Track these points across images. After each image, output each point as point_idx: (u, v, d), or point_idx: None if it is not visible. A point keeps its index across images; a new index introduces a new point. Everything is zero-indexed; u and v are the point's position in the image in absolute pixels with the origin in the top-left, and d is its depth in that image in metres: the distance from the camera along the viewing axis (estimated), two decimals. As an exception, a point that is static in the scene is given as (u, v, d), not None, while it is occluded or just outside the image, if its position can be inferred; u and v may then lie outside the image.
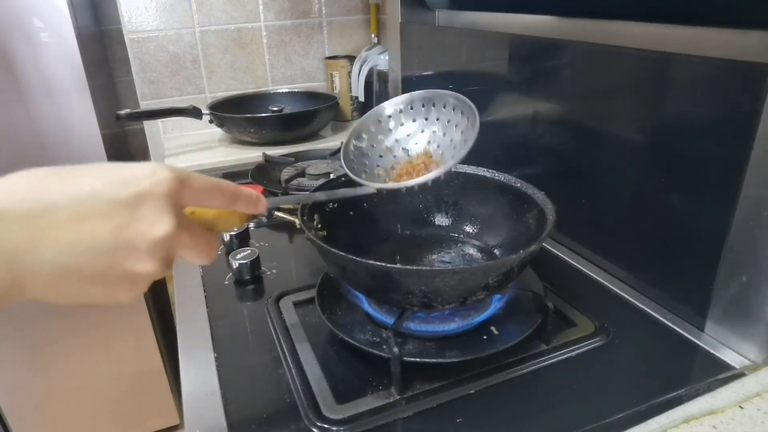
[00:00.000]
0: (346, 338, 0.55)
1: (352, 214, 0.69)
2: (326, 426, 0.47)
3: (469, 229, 0.71)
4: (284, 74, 1.49)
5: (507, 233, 0.66)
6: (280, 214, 0.67)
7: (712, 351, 0.55)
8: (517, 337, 0.54)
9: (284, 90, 1.48)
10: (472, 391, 0.51)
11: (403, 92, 1.28)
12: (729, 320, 0.55)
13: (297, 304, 0.65)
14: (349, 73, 1.43)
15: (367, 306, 0.59)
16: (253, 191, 0.40)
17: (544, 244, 0.55)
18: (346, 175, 0.70)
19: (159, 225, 0.31)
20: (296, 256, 0.80)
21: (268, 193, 0.69)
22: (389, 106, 0.63)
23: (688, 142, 0.57)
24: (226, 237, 0.79)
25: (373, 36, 1.47)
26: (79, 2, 1.28)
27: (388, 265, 0.53)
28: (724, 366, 0.53)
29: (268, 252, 0.78)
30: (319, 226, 0.63)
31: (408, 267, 0.57)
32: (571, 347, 0.56)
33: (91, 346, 1.40)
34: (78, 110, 1.21)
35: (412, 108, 0.63)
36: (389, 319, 0.57)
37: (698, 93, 0.55)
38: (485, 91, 0.92)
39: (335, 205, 0.67)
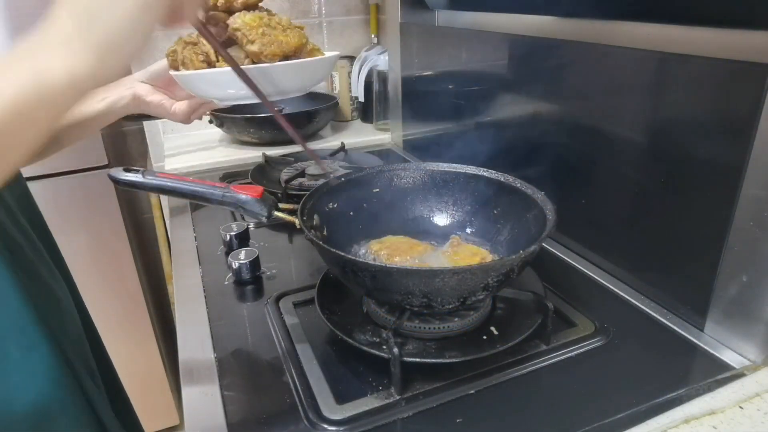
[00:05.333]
0: (346, 338, 0.55)
1: (353, 214, 0.69)
2: (326, 426, 0.47)
3: (469, 229, 0.71)
4: (284, 74, 1.49)
5: (507, 233, 0.66)
6: (279, 214, 0.67)
7: (712, 351, 0.55)
8: (517, 337, 0.54)
9: (284, 90, 1.48)
10: (472, 391, 0.51)
11: (403, 93, 1.28)
12: (729, 320, 0.55)
13: (297, 305, 0.65)
14: (349, 73, 1.43)
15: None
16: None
17: (544, 244, 0.55)
18: (346, 175, 0.71)
19: None
20: (296, 256, 0.80)
21: (268, 193, 0.69)
22: None
23: (688, 142, 0.57)
24: (227, 237, 0.79)
25: (373, 36, 1.47)
26: (79, 2, 1.27)
27: (388, 265, 0.53)
28: (724, 366, 0.53)
29: (268, 252, 0.78)
30: (320, 226, 0.63)
31: (408, 267, 0.57)
32: (571, 347, 0.56)
33: (91, 346, 1.40)
34: (78, 110, 1.21)
35: None
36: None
37: (698, 93, 0.55)
38: (485, 91, 0.92)
39: (335, 205, 0.67)
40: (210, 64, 0.64)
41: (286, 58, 0.63)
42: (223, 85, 0.63)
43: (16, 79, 0.32)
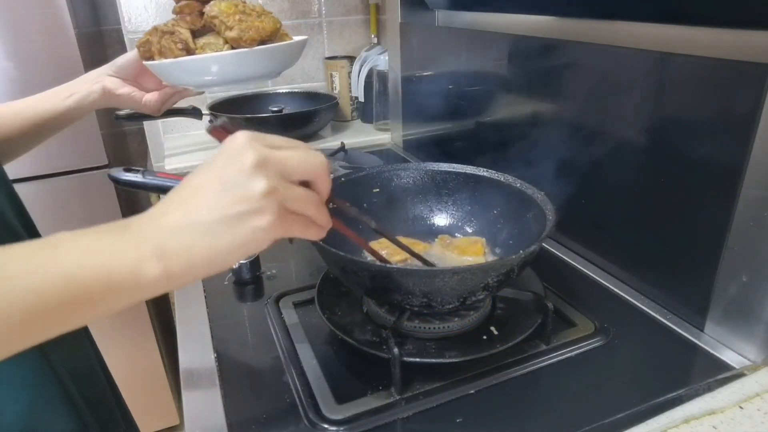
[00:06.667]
0: (346, 338, 0.55)
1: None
2: (326, 426, 0.47)
3: (469, 229, 0.71)
4: (284, 74, 1.48)
5: (507, 233, 0.66)
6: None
7: (712, 351, 0.55)
8: (517, 337, 0.54)
9: (284, 90, 1.48)
10: (472, 391, 0.51)
11: (403, 93, 1.27)
12: (729, 320, 0.55)
13: (297, 305, 0.65)
14: (349, 73, 1.43)
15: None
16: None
17: (544, 244, 0.55)
18: (346, 175, 0.71)
19: (252, 160, 0.35)
20: (296, 256, 0.80)
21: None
22: None
23: (688, 142, 0.57)
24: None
25: (373, 36, 1.47)
26: (79, 2, 1.28)
27: (388, 265, 0.53)
28: (724, 366, 0.53)
29: (268, 252, 0.78)
30: None
31: (408, 267, 0.57)
32: (571, 347, 0.56)
33: (91, 346, 1.40)
34: (78, 110, 1.21)
35: None
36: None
37: (698, 93, 0.55)
38: (485, 91, 0.92)
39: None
40: (189, 52, 0.65)
41: (262, 42, 0.65)
42: (202, 72, 0.65)
43: (106, 263, 0.30)
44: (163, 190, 0.70)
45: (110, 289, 0.31)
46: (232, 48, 0.64)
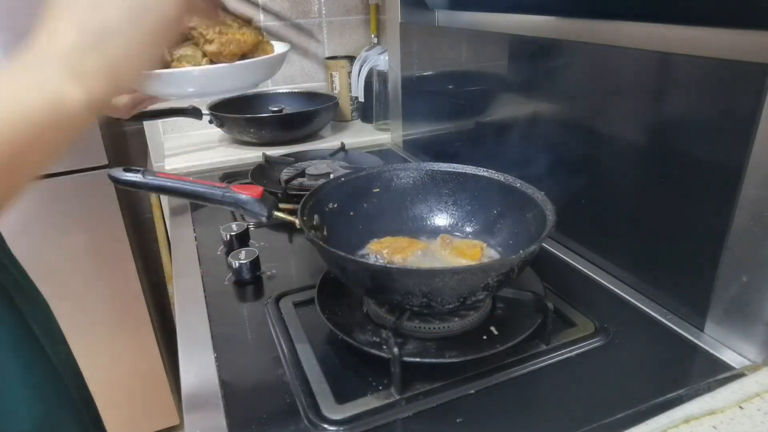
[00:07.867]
0: (346, 338, 0.55)
1: (353, 214, 0.69)
2: (326, 426, 0.47)
3: (469, 229, 0.71)
4: (284, 74, 1.49)
5: (507, 233, 0.66)
6: (279, 214, 0.67)
7: (711, 351, 0.55)
8: (517, 337, 0.54)
9: (284, 90, 1.48)
10: (472, 391, 0.51)
11: (403, 93, 1.28)
12: (729, 320, 0.55)
13: (297, 305, 0.65)
14: (349, 73, 1.43)
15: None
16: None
17: (544, 244, 0.55)
18: (346, 175, 0.71)
19: None
20: (296, 256, 0.80)
21: (268, 193, 0.69)
22: None
23: (688, 142, 0.57)
24: (227, 237, 0.79)
25: (373, 36, 1.47)
26: (79, 2, 1.27)
27: (388, 265, 0.53)
28: (724, 366, 0.53)
29: (268, 252, 0.78)
30: (320, 226, 0.63)
31: (408, 267, 0.57)
32: (571, 347, 0.56)
33: (91, 346, 1.40)
34: (78, 110, 1.21)
35: None
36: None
37: (698, 93, 0.55)
38: (485, 91, 0.92)
39: (335, 205, 0.67)
40: (165, 65, 0.63)
41: (243, 55, 0.63)
42: (178, 85, 0.62)
43: (31, 104, 0.29)
44: (163, 190, 0.70)
45: (44, 125, 0.30)
46: (211, 61, 0.62)
